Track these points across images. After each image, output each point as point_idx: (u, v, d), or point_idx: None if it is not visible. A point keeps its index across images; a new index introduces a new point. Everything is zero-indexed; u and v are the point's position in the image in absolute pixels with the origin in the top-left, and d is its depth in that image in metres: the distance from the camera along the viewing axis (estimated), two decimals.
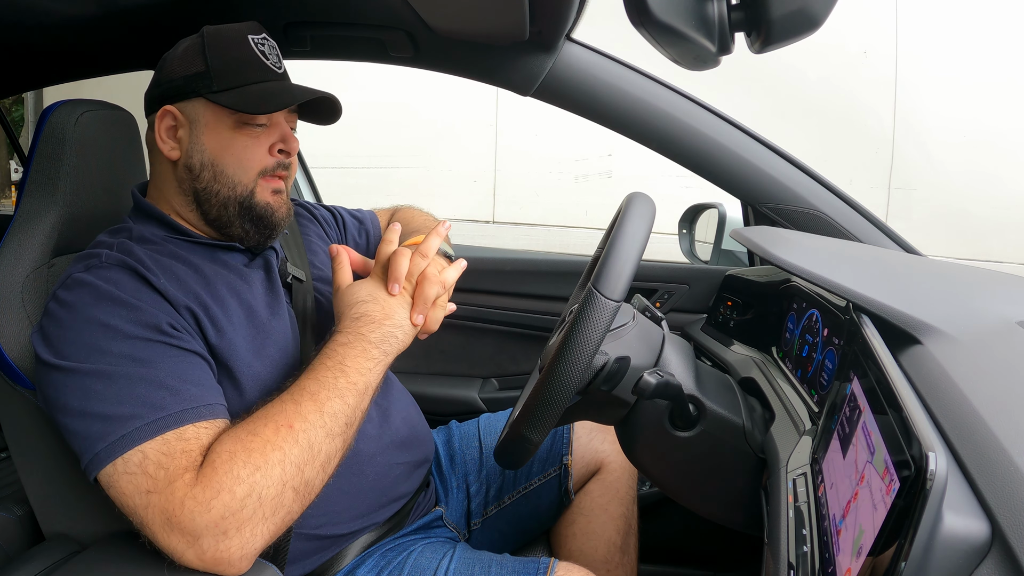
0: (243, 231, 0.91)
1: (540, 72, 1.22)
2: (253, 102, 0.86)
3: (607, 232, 0.93)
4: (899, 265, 1.01)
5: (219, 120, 0.87)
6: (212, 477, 0.68)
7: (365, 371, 0.80)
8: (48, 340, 0.76)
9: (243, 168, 0.88)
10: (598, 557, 1.12)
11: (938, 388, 0.60)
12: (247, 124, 0.88)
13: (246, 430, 0.72)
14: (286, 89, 0.89)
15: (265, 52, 0.90)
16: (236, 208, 0.89)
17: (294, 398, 0.75)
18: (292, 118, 0.93)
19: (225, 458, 0.69)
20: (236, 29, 0.89)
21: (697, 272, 1.46)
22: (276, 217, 0.91)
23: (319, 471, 0.74)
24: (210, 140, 0.88)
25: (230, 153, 0.88)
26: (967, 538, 0.45)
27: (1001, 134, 5.03)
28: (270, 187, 0.90)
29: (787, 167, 1.27)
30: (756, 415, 0.89)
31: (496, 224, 5.91)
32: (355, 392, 0.78)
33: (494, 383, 1.59)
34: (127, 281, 0.79)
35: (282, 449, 0.71)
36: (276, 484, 0.70)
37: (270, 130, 0.90)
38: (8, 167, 6.43)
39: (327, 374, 0.78)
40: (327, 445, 0.74)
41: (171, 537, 0.68)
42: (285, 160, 0.91)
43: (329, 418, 0.75)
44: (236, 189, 0.88)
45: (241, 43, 0.88)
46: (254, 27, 0.91)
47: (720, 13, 0.63)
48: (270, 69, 0.89)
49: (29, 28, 1.12)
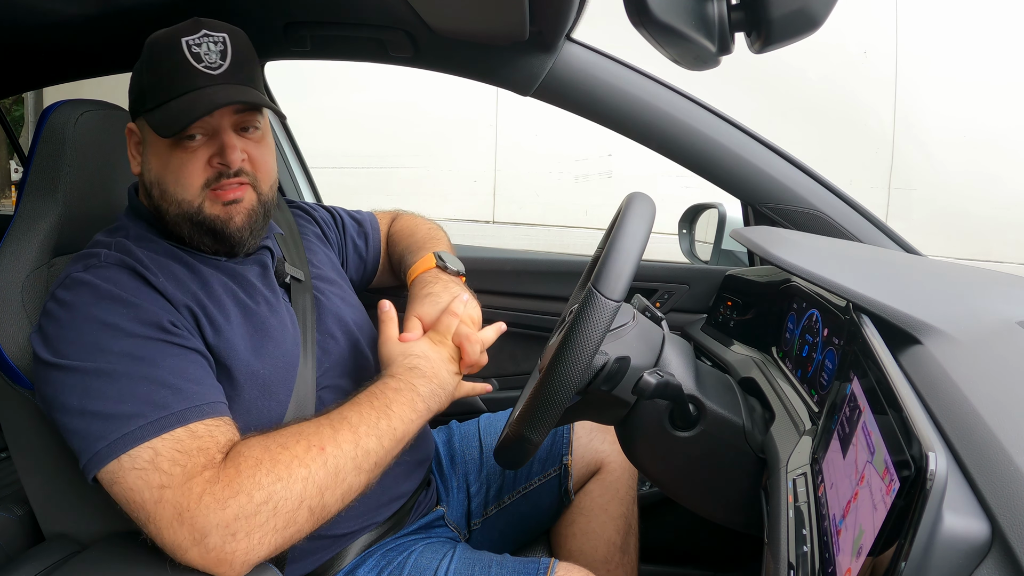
0: (204, 245, 0.89)
1: (540, 72, 1.22)
2: (171, 120, 0.80)
3: (607, 232, 0.93)
4: (899, 265, 1.01)
5: (156, 139, 0.84)
6: (235, 478, 0.69)
7: (407, 420, 0.81)
8: (47, 339, 0.76)
9: (183, 185, 0.85)
10: (598, 557, 1.12)
11: (938, 388, 0.60)
12: (181, 140, 0.83)
13: (277, 442, 0.73)
14: (207, 97, 0.81)
15: (200, 54, 0.82)
16: (188, 224, 0.86)
17: (332, 424, 0.76)
18: (244, 118, 0.86)
19: (251, 463, 0.70)
20: (171, 33, 0.84)
21: (697, 272, 1.46)
22: (231, 228, 0.87)
23: (338, 499, 0.74)
24: (153, 159, 0.87)
25: (169, 171, 0.85)
26: (967, 538, 0.45)
27: (1001, 134, 5.03)
28: (220, 200, 0.85)
29: (787, 167, 1.27)
30: (756, 415, 0.89)
31: (496, 224, 5.91)
32: (392, 438, 0.79)
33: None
34: (126, 280, 0.79)
35: (308, 468, 0.72)
36: (295, 499, 0.70)
37: (209, 141, 0.84)
38: (8, 167, 6.43)
39: (371, 412, 0.79)
40: (352, 478, 0.75)
41: (178, 533, 0.67)
42: (226, 171, 0.85)
43: (362, 453, 0.76)
44: (182, 206, 0.85)
45: (173, 49, 0.82)
46: (191, 27, 0.84)
47: (720, 13, 0.63)
48: (201, 74, 0.82)
49: (29, 28, 1.12)
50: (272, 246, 0.98)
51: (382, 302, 0.93)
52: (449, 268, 1.06)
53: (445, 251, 1.10)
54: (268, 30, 1.20)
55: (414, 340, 0.90)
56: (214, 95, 0.81)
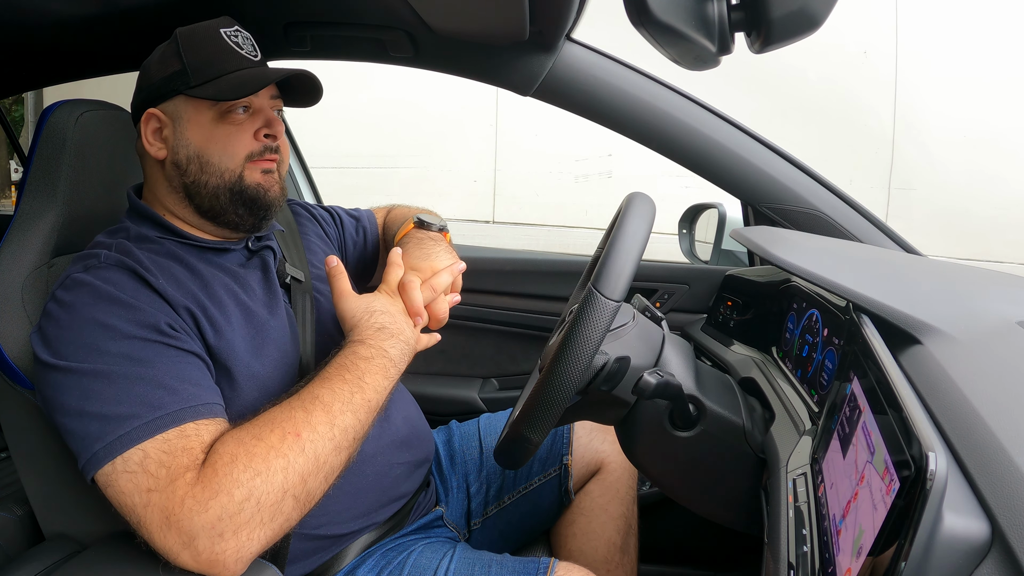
0: (237, 217, 0.91)
1: (540, 72, 1.22)
2: (230, 89, 0.86)
3: (607, 232, 0.93)
4: (899, 265, 1.01)
5: (200, 113, 0.88)
6: (212, 478, 0.67)
7: (381, 389, 0.80)
8: (47, 340, 0.76)
9: (228, 155, 0.89)
10: (598, 557, 1.12)
11: (938, 388, 0.60)
12: (228, 113, 0.88)
13: (250, 434, 0.71)
14: (262, 73, 0.89)
15: (239, 43, 0.90)
16: (227, 195, 0.89)
17: (304, 406, 0.74)
18: (276, 103, 0.94)
19: (226, 460, 0.69)
20: (208, 26, 0.90)
21: (697, 272, 1.46)
22: (269, 197, 0.91)
23: (322, 482, 0.73)
24: (194, 133, 0.88)
25: (214, 142, 0.88)
26: (967, 538, 0.45)
27: (1001, 133, 5.03)
28: (259, 168, 0.90)
29: (787, 167, 1.27)
30: (756, 415, 0.89)
31: (496, 224, 5.91)
32: (368, 409, 0.78)
33: (494, 383, 1.59)
34: (126, 281, 0.79)
35: (287, 457, 0.70)
36: (277, 491, 0.69)
37: (253, 116, 0.90)
38: (8, 167, 6.44)
39: (344, 387, 0.77)
40: (333, 458, 0.74)
41: (168, 536, 0.67)
42: (271, 144, 0.91)
43: (339, 432, 0.74)
44: (224, 176, 0.89)
45: (214, 38, 0.89)
46: (225, 21, 0.91)
47: (720, 13, 0.63)
48: (245, 58, 0.89)
49: (29, 28, 1.12)
50: (274, 245, 0.99)
51: (329, 257, 0.92)
52: (427, 224, 1.07)
53: (426, 213, 1.12)
54: (268, 30, 1.20)
55: (368, 295, 0.89)
56: (267, 72, 0.89)
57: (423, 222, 1.08)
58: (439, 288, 0.92)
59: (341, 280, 0.89)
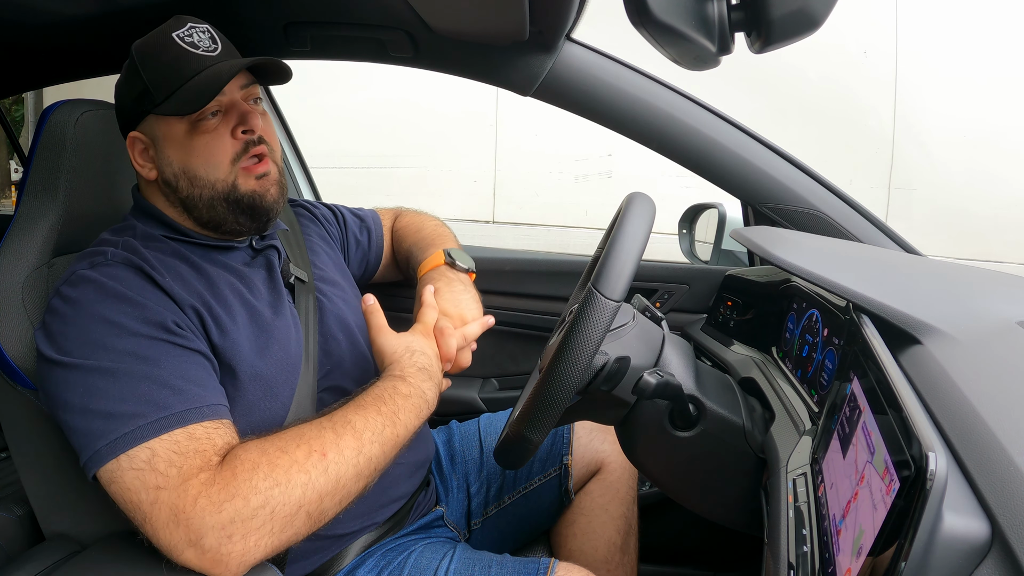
0: (239, 224, 0.90)
1: (540, 72, 1.22)
2: (189, 101, 0.83)
3: (607, 232, 0.93)
4: (899, 265, 1.01)
5: (173, 128, 0.87)
6: (230, 482, 0.68)
7: (411, 428, 0.81)
8: (51, 336, 0.76)
9: (213, 165, 0.87)
10: (598, 557, 1.12)
11: (938, 388, 0.60)
12: (200, 122, 0.86)
13: (275, 446, 0.72)
14: (217, 73, 0.84)
15: (194, 42, 0.86)
16: (224, 205, 0.88)
17: (336, 428, 0.75)
18: (251, 90, 0.90)
19: (247, 467, 0.69)
20: (159, 33, 0.87)
21: (697, 272, 1.46)
22: (267, 201, 0.90)
23: (337, 505, 0.74)
24: (173, 151, 0.87)
25: (195, 156, 0.87)
26: (967, 538, 0.45)
27: (1001, 133, 5.03)
28: (252, 174, 0.89)
29: (787, 167, 1.27)
30: (756, 415, 0.89)
31: (496, 224, 5.91)
32: (395, 445, 0.79)
33: (494, 383, 1.59)
34: (133, 279, 0.79)
35: (309, 474, 0.71)
36: (293, 504, 0.69)
37: (227, 116, 0.88)
38: (8, 167, 6.44)
39: (378, 419, 0.78)
40: (352, 484, 0.74)
41: (174, 533, 0.67)
42: (252, 137, 0.88)
43: (364, 460, 0.75)
44: (216, 187, 0.87)
45: (167, 45, 0.85)
46: (176, 23, 0.87)
47: (720, 13, 0.63)
48: (203, 57, 0.85)
49: (29, 28, 1.12)
50: (278, 245, 0.99)
51: (366, 296, 0.92)
52: (458, 265, 1.07)
53: (454, 248, 1.11)
54: (268, 30, 1.20)
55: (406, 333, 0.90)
56: (222, 71, 0.84)
57: (454, 261, 1.08)
58: (470, 338, 0.95)
59: (378, 316, 0.90)
